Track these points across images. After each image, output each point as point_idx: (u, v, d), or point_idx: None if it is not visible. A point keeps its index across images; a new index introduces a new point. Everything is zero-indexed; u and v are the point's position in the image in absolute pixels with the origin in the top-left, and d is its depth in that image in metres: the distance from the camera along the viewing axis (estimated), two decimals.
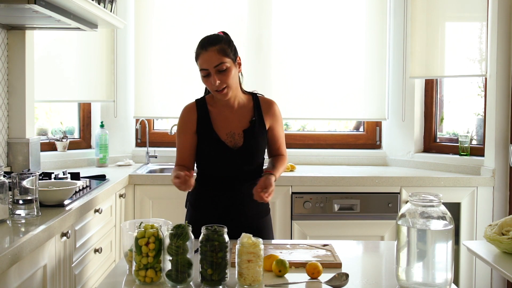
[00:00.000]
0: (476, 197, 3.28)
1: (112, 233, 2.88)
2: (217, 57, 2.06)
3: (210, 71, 2.06)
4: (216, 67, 2.05)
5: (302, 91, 3.82)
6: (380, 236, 3.27)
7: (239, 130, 2.17)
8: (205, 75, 2.08)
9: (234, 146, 2.15)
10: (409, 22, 3.70)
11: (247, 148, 2.16)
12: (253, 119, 2.20)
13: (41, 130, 3.65)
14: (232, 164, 2.15)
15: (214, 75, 2.06)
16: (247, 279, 1.56)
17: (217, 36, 2.13)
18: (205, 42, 2.09)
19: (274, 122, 2.26)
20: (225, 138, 2.15)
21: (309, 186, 3.25)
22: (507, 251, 1.93)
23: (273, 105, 2.27)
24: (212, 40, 2.09)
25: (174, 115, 3.81)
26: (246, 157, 2.17)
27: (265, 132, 2.22)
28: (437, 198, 1.53)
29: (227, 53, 2.08)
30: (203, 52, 2.07)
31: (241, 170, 2.15)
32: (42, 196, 2.12)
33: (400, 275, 1.55)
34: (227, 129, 2.17)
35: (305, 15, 3.81)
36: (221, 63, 2.06)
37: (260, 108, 2.23)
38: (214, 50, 2.06)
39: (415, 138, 3.78)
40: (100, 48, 3.70)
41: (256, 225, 2.20)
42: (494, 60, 3.21)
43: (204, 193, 2.21)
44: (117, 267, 1.76)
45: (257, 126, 2.19)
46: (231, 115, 2.19)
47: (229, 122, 2.18)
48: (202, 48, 2.08)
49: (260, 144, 2.20)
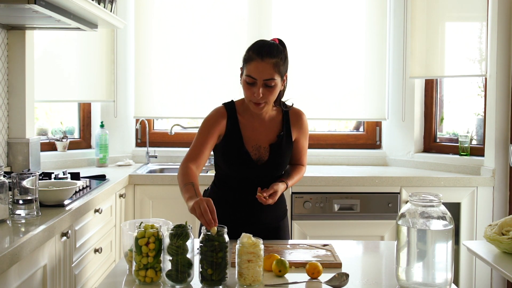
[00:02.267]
0: (476, 197, 3.28)
1: (112, 233, 2.88)
2: (270, 71, 1.95)
3: (257, 82, 1.96)
4: (265, 81, 1.96)
5: (302, 91, 3.82)
6: (380, 236, 3.27)
7: (265, 144, 2.10)
8: (250, 82, 1.98)
9: (258, 159, 2.08)
10: (409, 22, 3.70)
11: (271, 164, 2.10)
12: (281, 133, 2.12)
13: (41, 130, 3.64)
14: (253, 176, 2.09)
15: (260, 88, 1.96)
16: (247, 279, 1.56)
17: (277, 47, 2.02)
18: (264, 51, 1.97)
19: (300, 135, 2.19)
20: (251, 150, 2.08)
21: (309, 186, 3.25)
22: (507, 251, 1.93)
23: (302, 117, 2.19)
24: (272, 51, 1.98)
25: (174, 115, 3.81)
26: (269, 172, 2.11)
27: (291, 145, 2.15)
28: (437, 198, 1.53)
29: (281, 69, 1.99)
30: (259, 60, 1.95)
31: (262, 181, 2.08)
32: (42, 196, 2.12)
33: (400, 275, 1.55)
34: (253, 141, 2.09)
35: (305, 15, 3.81)
36: (271, 79, 1.96)
37: (289, 120, 2.15)
38: (271, 63, 1.96)
39: (415, 138, 3.78)
40: (100, 48, 3.70)
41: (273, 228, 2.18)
42: (494, 60, 3.21)
43: (222, 197, 2.14)
44: (117, 267, 1.76)
45: (285, 140, 2.12)
46: (259, 127, 2.11)
47: (257, 134, 2.10)
48: (259, 55, 1.96)
49: (285, 158, 2.14)
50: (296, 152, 2.21)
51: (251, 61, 1.97)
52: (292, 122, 2.16)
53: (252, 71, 1.96)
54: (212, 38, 3.73)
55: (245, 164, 2.08)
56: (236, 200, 2.13)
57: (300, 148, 2.22)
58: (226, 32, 3.74)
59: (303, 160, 2.25)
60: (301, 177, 2.25)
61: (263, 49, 1.98)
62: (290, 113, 2.17)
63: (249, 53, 2.00)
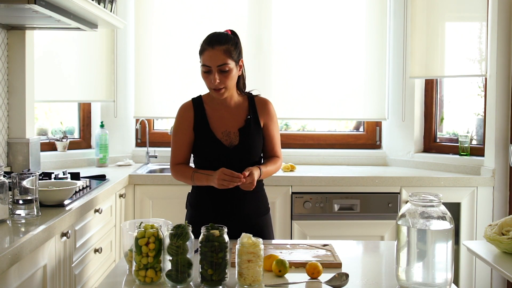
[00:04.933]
0: (476, 197, 3.28)
1: (112, 233, 2.88)
2: (222, 57, 2.08)
3: (212, 69, 2.09)
4: (218, 67, 2.08)
5: (302, 91, 3.82)
6: (380, 236, 3.27)
7: (234, 129, 2.20)
8: (206, 71, 2.11)
9: (229, 144, 2.17)
10: (409, 22, 3.70)
11: (243, 147, 2.18)
12: (248, 117, 2.22)
13: (41, 130, 3.65)
14: (228, 162, 2.15)
15: (215, 74, 2.08)
16: (247, 279, 1.56)
17: (226, 35, 2.14)
18: (213, 40, 2.10)
19: (268, 121, 2.27)
20: (221, 136, 2.18)
21: (309, 186, 3.25)
22: (507, 251, 1.93)
23: (267, 104, 2.29)
24: (220, 39, 2.10)
25: (174, 115, 3.77)
26: (242, 155, 2.18)
27: (260, 130, 2.24)
28: (437, 198, 1.53)
29: (232, 55, 2.11)
30: (209, 49, 2.09)
31: (237, 168, 2.14)
32: (42, 196, 2.12)
33: (400, 275, 1.55)
34: (222, 127, 2.19)
35: (305, 15, 3.81)
36: (224, 64, 2.08)
37: (255, 106, 2.26)
38: (220, 49, 2.08)
39: (415, 138, 3.78)
40: (100, 48, 3.70)
41: (255, 224, 2.22)
42: (494, 60, 3.21)
43: (202, 192, 2.22)
44: (117, 267, 1.76)
45: (253, 125, 2.22)
46: (226, 114, 2.22)
47: (225, 120, 2.20)
48: (209, 44, 2.10)
49: (255, 142, 2.22)
50: (268, 141, 2.28)
51: (203, 51, 2.11)
52: (258, 108, 2.26)
53: (206, 60, 2.10)
54: None
55: (217, 150, 2.16)
56: (216, 194, 2.17)
57: (271, 136, 2.28)
58: None
59: (276, 151, 2.31)
60: (278, 167, 2.30)
61: (212, 38, 2.12)
62: (256, 100, 2.28)
63: (202, 45, 2.13)
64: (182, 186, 3.03)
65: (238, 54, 2.15)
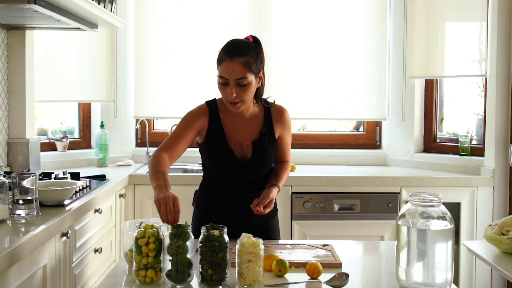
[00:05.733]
0: (476, 197, 3.28)
1: (112, 233, 2.88)
2: (240, 70, 1.93)
3: (229, 82, 1.94)
4: (236, 80, 1.94)
5: (302, 91, 3.82)
6: (380, 236, 3.27)
7: (248, 141, 2.09)
8: (223, 83, 1.97)
9: (242, 157, 2.08)
10: (409, 22, 3.70)
11: (255, 161, 2.09)
12: (263, 130, 2.11)
13: (41, 130, 3.65)
14: (238, 174, 2.09)
15: (233, 87, 1.94)
16: (247, 279, 1.56)
17: (247, 45, 1.99)
18: (232, 50, 1.95)
19: (284, 131, 2.18)
20: (234, 148, 2.07)
21: (309, 186, 3.25)
22: (507, 251, 1.93)
23: (284, 113, 2.17)
24: (240, 50, 1.95)
25: (174, 115, 3.81)
26: (253, 169, 2.11)
27: (274, 143, 2.14)
28: (437, 198, 1.53)
29: (252, 67, 1.96)
30: (228, 60, 1.93)
31: (247, 179, 2.09)
32: (42, 196, 2.12)
33: (400, 275, 1.55)
34: (236, 139, 2.09)
35: (305, 15, 3.81)
36: (243, 78, 1.94)
37: (271, 117, 2.14)
38: (240, 62, 1.93)
39: (415, 138, 3.78)
40: (100, 48, 3.70)
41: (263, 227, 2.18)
42: (494, 60, 3.21)
43: (211, 197, 2.17)
44: (117, 267, 1.76)
45: (267, 138, 2.12)
46: (241, 125, 2.10)
47: (239, 132, 2.09)
48: (228, 55, 1.94)
49: (269, 156, 2.13)
50: (281, 149, 2.20)
51: (221, 61, 1.96)
52: (274, 119, 2.15)
53: (223, 71, 1.95)
54: (212, 38, 3.72)
55: (229, 162, 2.07)
56: (225, 200, 2.13)
57: (284, 144, 2.21)
58: (226, 32, 3.73)
59: (287, 156, 2.25)
60: (288, 174, 2.25)
61: (232, 48, 1.96)
62: (272, 110, 2.16)
63: (220, 54, 1.98)
64: (182, 186, 3.04)
65: (259, 66, 2.00)
